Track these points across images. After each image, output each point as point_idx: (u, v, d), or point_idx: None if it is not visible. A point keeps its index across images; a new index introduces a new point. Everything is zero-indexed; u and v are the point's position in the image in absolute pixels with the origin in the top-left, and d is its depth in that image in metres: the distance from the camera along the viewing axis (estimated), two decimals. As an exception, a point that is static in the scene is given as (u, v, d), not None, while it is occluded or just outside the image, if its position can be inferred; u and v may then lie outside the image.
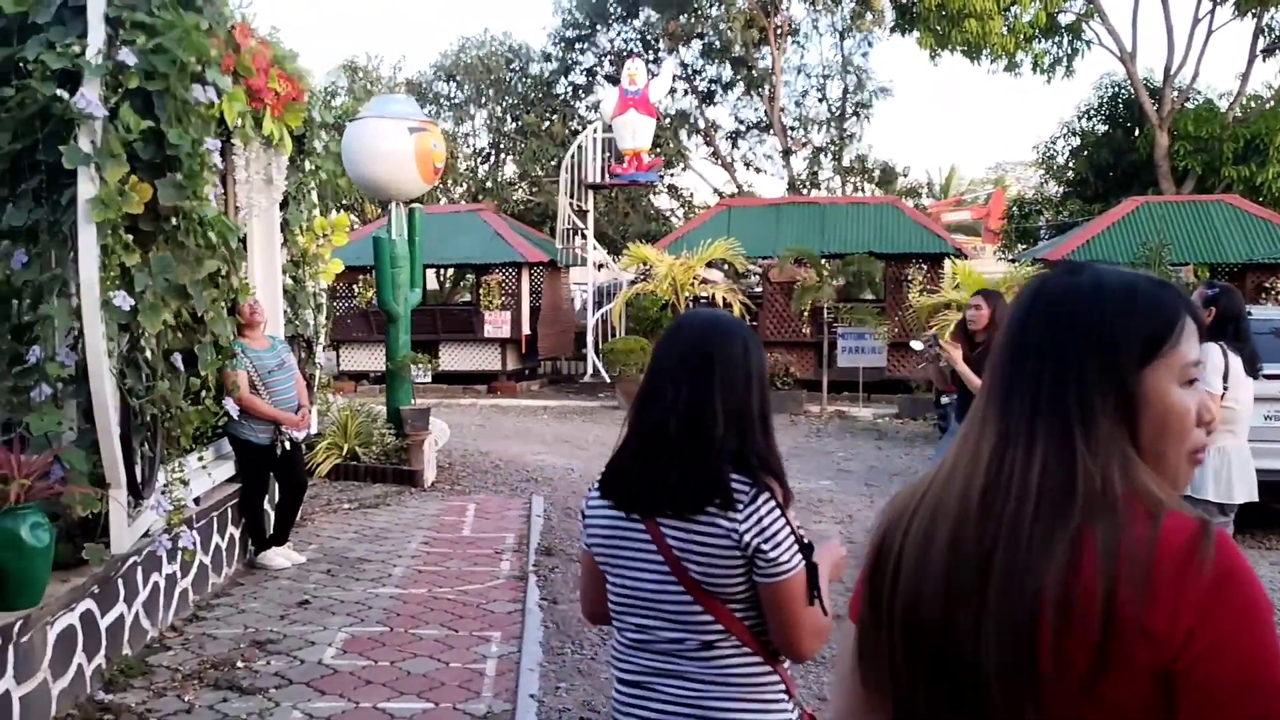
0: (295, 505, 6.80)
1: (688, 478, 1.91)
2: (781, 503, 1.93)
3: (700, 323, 2.07)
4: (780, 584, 1.90)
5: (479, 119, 26.65)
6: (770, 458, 1.97)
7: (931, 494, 1.25)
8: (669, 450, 1.94)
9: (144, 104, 4.49)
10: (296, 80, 7.09)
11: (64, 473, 4.40)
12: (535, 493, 9.40)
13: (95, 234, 4.21)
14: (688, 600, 1.94)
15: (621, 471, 2.01)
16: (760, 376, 2.02)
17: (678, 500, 1.92)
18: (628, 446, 2.02)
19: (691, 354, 1.99)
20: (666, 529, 1.94)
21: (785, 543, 1.90)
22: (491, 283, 19.11)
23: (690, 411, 1.94)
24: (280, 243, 7.65)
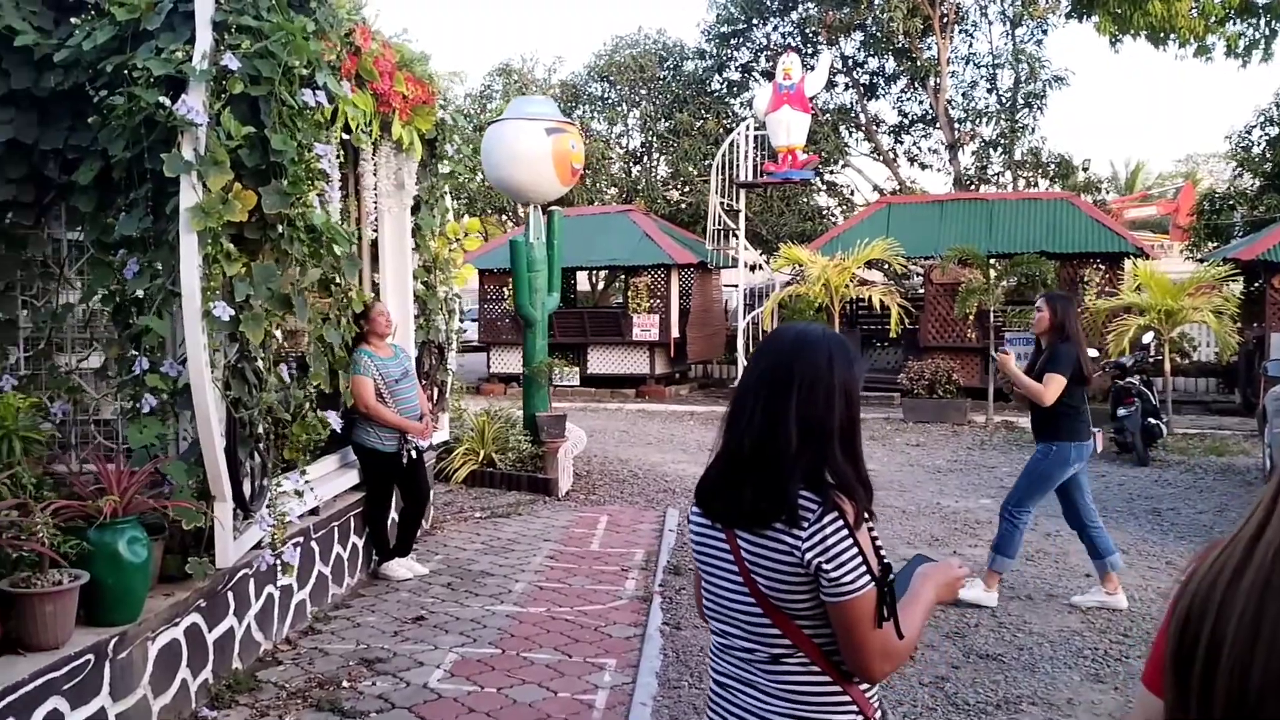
0: (419, 516, 6.69)
1: (757, 495, 1.96)
2: (852, 522, 1.92)
3: (786, 338, 2.08)
4: (845, 604, 1.90)
5: (631, 119, 26.55)
6: (852, 476, 1.98)
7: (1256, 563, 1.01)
8: (743, 466, 1.99)
9: (249, 110, 4.38)
10: (426, 83, 6.99)
11: (172, 486, 4.35)
12: (671, 505, 9.09)
13: (196, 243, 4.12)
14: (757, 612, 1.99)
15: (708, 483, 2.09)
16: (846, 392, 2.00)
17: (748, 515, 1.97)
18: (717, 461, 2.08)
19: (773, 370, 2.02)
20: (742, 540, 1.99)
21: (850, 563, 1.89)
22: (640, 285, 18.93)
23: (763, 429, 1.97)
24: (411, 248, 7.59)
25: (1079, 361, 5.94)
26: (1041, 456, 6.09)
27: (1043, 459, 6.08)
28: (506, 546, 7.49)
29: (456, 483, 9.68)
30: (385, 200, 7.08)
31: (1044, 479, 6.09)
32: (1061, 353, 5.92)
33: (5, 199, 4.76)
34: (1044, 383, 5.88)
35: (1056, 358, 5.90)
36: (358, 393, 6.15)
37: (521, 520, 8.38)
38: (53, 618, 3.58)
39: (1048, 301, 6.08)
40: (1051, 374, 5.89)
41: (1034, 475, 6.13)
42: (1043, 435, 6.09)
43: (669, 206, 24.60)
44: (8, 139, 4.64)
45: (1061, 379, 5.85)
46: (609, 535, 7.91)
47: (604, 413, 16.57)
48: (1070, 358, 5.92)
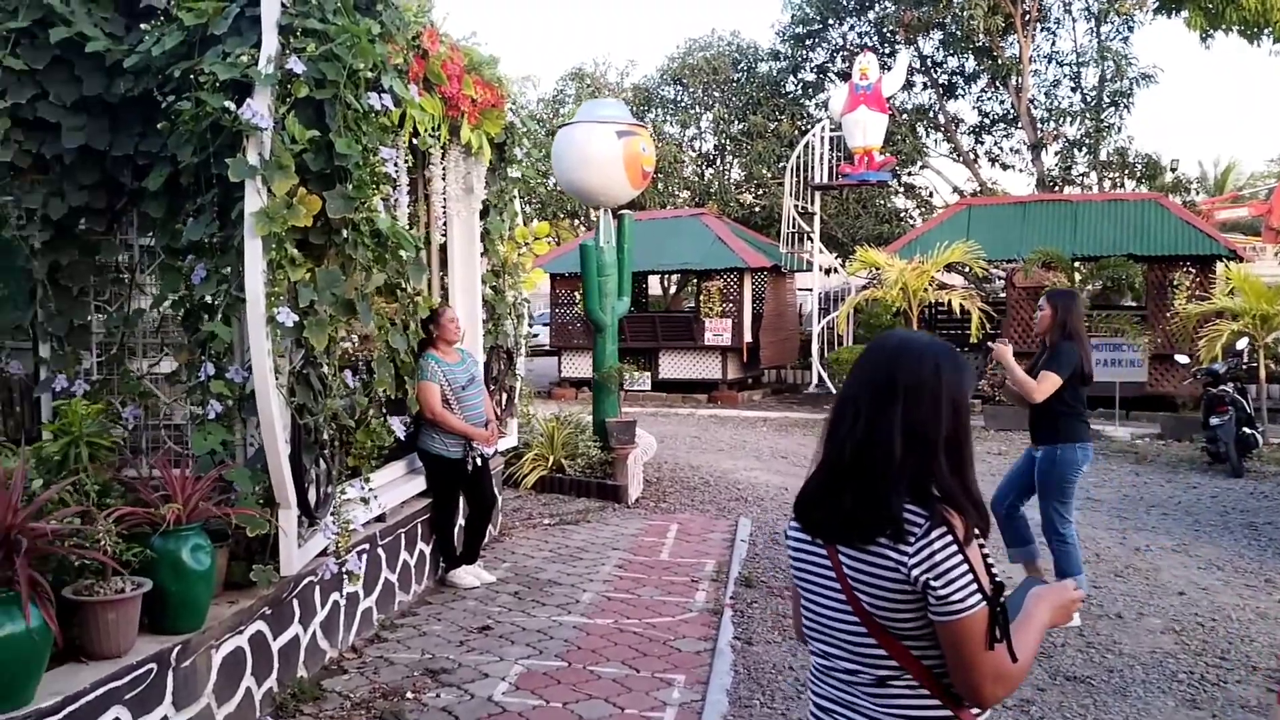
0: (485, 523, 6.62)
1: (859, 507, 1.88)
2: (962, 538, 1.83)
3: (890, 346, 2.00)
4: (953, 623, 1.82)
5: (704, 122, 26.37)
6: (959, 489, 1.89)
7: None
8: (844, 478, 1.92)
9: (315, 114, 4.34)
10: (495, 87, 6.93)
11: (237, 492, 4.32)
12: (743, 514, 8.91)
13: (260, 248, 4.08)
14: (861, 632, 1.92)
15: (807, 495, 2.01)
16: (954, 401, 1.92)
17: (851, 529, 1.90)
18: (817, 471, 2.01)
19: (876, 379, 1.94)
20: (844, 556, 1.92)
21: (959, 580, 1.81)
22: (712, 289, 18.75)
23: (865, 439, 1.90)
24: (480, 252, 7.54)
25: (1081, 361, 5.73)
26: (1049, 464, 5.85)
27: (1051, 466, 5.85)
28: (575, 555, 7.39)
29: (526, 488, 9.62)
30: (454, 204, 7.06)
31: (1063, 484, 5.85)
32: (1063, 351, 5.74)
33: (78, 205, 4.78)
34: (1038, 380, 5.70)
35: (1057, 356, 5.73)
36: (423, 399, 6.09)
37: (590, 528, 8.27)
38: (115, 626, 3.55)
39: (1049, 299, 5.91)
40: (1047, 371, 5.71)
41: (1051, 487, 5.87)
42: (1043, 438, 5.88)
43: (742, 209, 24.38)
44: (80, 145, 4.67)
45: (1056, 377, 5.66)
46: (679, 544, 7.76)
47: (675, 418, 16.43)
48: (1071, 357, 5.71)
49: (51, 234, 4.83)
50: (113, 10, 4.76)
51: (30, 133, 4.69)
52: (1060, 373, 5.68)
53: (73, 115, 4.67)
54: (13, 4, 4.58)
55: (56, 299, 4.95)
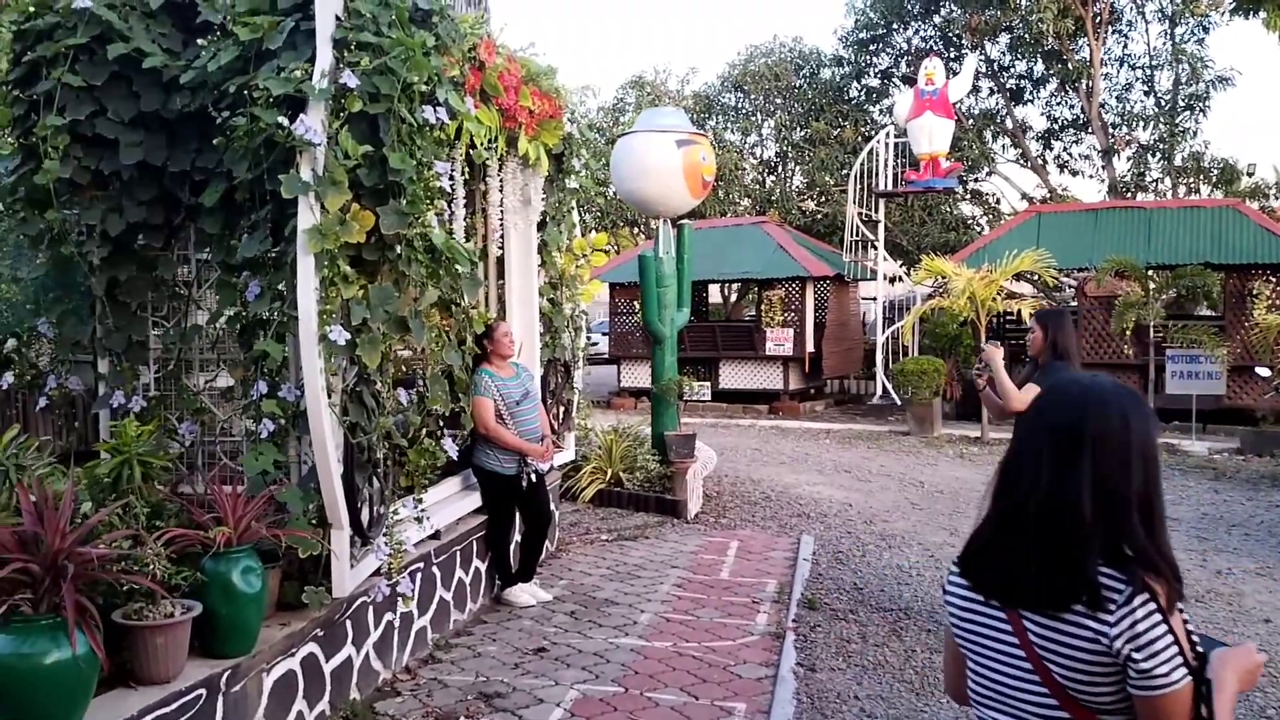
0: (540, 540, 6.52)
1: (1049, 571, 1.74)
2: (1165, 605, 1.69)
3: (1073, 392, 1.85)
4: (1156, 699, 1.68)
5: (766, 129, 26.13)
6: (1154, 551, 1.74)
7: None
8: (1028, 537, 1.77)
9: (369, 128, 4.27)
10: (553, 97, 6.84)
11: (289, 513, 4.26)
12: (806, 531, 8.71)
13: (313, 265, 4.02)
14: (1052, 704, 1.77)
15: (981, 553, 1.87)
16: (1145, 455, 1.77)
17: (1039, 595, 1.75)
18: (988, 525, 1.86)
19: (1060, 429, 1.79)
20: (1029, 622, 1.78)
21: (1164, 653, 1.67)
22: (774, 298, 18.53)
23: (1053, 496, 1.75)
24: (537, 264, 7.45)
25: None
26: None
27: None
28: (632, 572, 7.26)
29: (584, 502, 9.52)
30: (511, 216, 6.99)
31: None
32: (1054, 370, 5.57)
33: (136, 221, 4.77)
34: (1023, 390, 5.56)
35: (1048, 374, 5.56)
36: (477, 414, 6.01)
37: (649, 544, 8.14)
38: (164, 650, 3.50)
39: (1038, 320, 5.75)
40: (1034, 386, 5.54)
41: None
42: None
43: (804, 217, 24.10)
44: (137, 161, 4.66)
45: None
46: (739, 563, 7.59)
47: (736, 429, 16.23)
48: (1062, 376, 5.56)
49: (110, 250, 4.82)
50: (170, 26, 4.75)
51: (89, 149, 4.69)
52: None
53: (131, 131, 4.66)
54: (72, 21, 4.59)
55: (114, 315, 4.94)
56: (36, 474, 3.54)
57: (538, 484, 6.34)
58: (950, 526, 8.98)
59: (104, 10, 4.55)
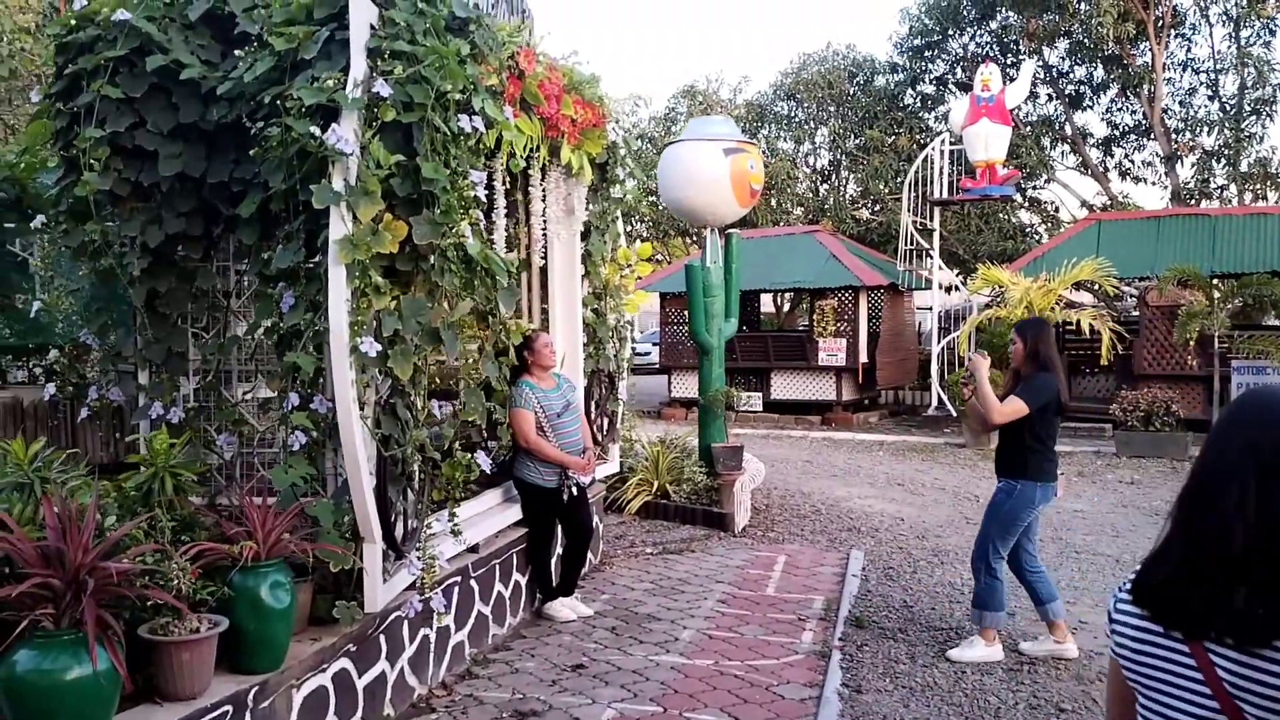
0: (582, 554, 6.42)
1: (1258, 604, 1.56)
2: None
3: (1272, 404, 1.67)
4: None
5: (819, 137, 25.89)
6: None
7: None
8: (1233, 568, 1.59)
9: (403, 137, 4.22)
10: (596, 106, 6.77)
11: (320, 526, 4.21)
12: (855, 546, 8.52)
13: (344, 276, 3.97)
14: None
15: (1166, 583, 1.69)
16: None
17: (1240, 628, 1.57)
18: (1171, 552, 1.69)
19: (1262, 446, 1.62)
20: (1217, 657, 1.60)
21: None
22: (826, 307, 18.30)
23: (1264, 522, 1.58)
24: (581, 275, 7.38)
25: (1058, 394, 5.56)
26: (1005, 496, 5.67)
27: (1006, 499, 5.67)
28: (676, 587, 7.14)
29: (630, 514, 9.42)
30: (554, 226, 6.93)
31: (1011, 521, 5.66)
32: (1038, 382, 5.51)
33: (175, 232, 4.78)
34: (1006, 402, 5.51)
35: (1029, 385, 5.53)
36: (517, 427, 5.94)
37: (694, 558, 8.01)
38: (190, 666, 3.46)
39: (1018, 331, 5.74)
40: (1015, 397, 5.50)
41: (999, 519, 5.69)
42: (1006, 471, 5.71)
43: (858, 226, 23.81)
44: (176, 172, 4.66)
45: (1023, 405, 5.48)
46: (786, 578, 7.44)
47: (787, 440, 16.04)
48: (1046, 388, 5.53)
49: (149, 261, 4.83)
50: (209, 38, 4.75)
51: (129, 161, 4.70)
52: (1030, 401, 5.49)
53: (170, 143, 4.67)
54: (112, 33, 4.61)
55: (154, 326, 4.95)
56: (65, 487, 3.52)
57: (579, 497, 6.25)
58: (1005, 543, 8.72)
59: (143, 22, 4.57)
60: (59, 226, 4.97)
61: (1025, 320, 6.14)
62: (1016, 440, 5.62)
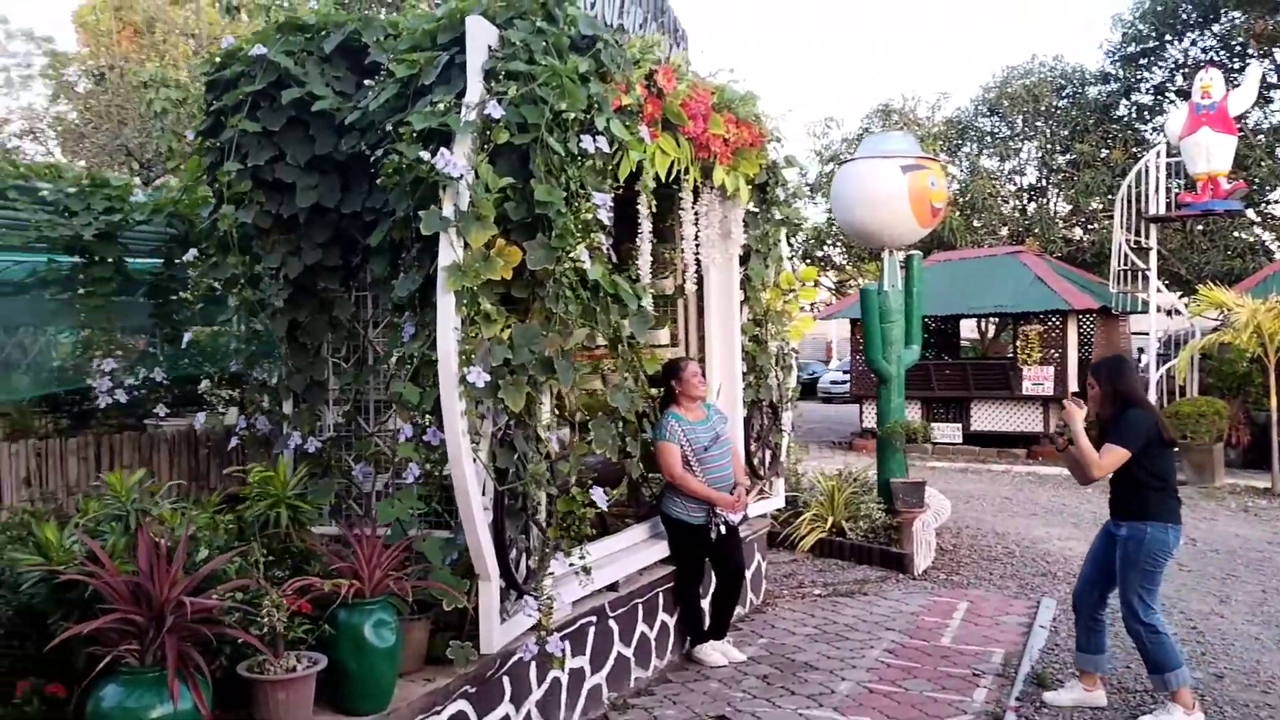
0: (733, 596, 6.06)
1: None
2: None
3: None
4: None
5: (1025, 153, 24.53)
6: None
7: None
8: None
9: (519, 160, 4.07)
10: (752, 124, 6.48)
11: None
12: (1048, 593, 7.78)
13: (453, 304, 3.84)
14: None
15: None
16: None
17: None
18: None
19: None
20: None
21: None
22: (1031, 333, 17.17)
23: None
24: (740, 300, 7.08)
25: (1157, 426, 5.03)
26: (1135, 545, 5.05)
27: (1138, 547, 5.05)
28: (841, 633, 6.66)
29: (802, 551, 8.98)
30: (709, 250, 6.67)
31: (1152, 566, 5.05)
32: (1128, 421, 4.98)
33: (313, 263, 4.81)
34: (1101, 453, 4.98)
35: (1121, 427, 4.98)
36: (663, 460, 5.68)
37: (865, 601, 7.50)
38: (286, 706, 3.36)
39: (1092, 373, 5.26)
40: (1111, 444, 4.97)
41: (1137, 567, 5.06)
42: (1127, 514, 5.13)
43: (1067, 246, 22.37)
44: (312, 204, 4.69)
45: (1122, 451, 4.96)
46: (965, 627, 6.83)
47: (986, 475, 15.08)
48: (1140, 424, 4.98)
49: (290, 292, 4.89)
50: (345, 69, 4.78)
51: (270, 193, 4.78)
52: (1127, 444, 4.97)
53: (306, 174, 4.71)
54: (252, 69, 4.70)
55: (295, 356, 5.01)
56: (183, 518, 3.51)
57: (729, 535, 5.92)
58: (1221, 593, 7.78)
59: (280, 57, 4.63)
60: (209, 259, 5.11)
61: (1100, 360, 5.56)
62: (1130, 480, 5.07)
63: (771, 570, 8.36)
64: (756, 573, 7.39)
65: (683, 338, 7.45)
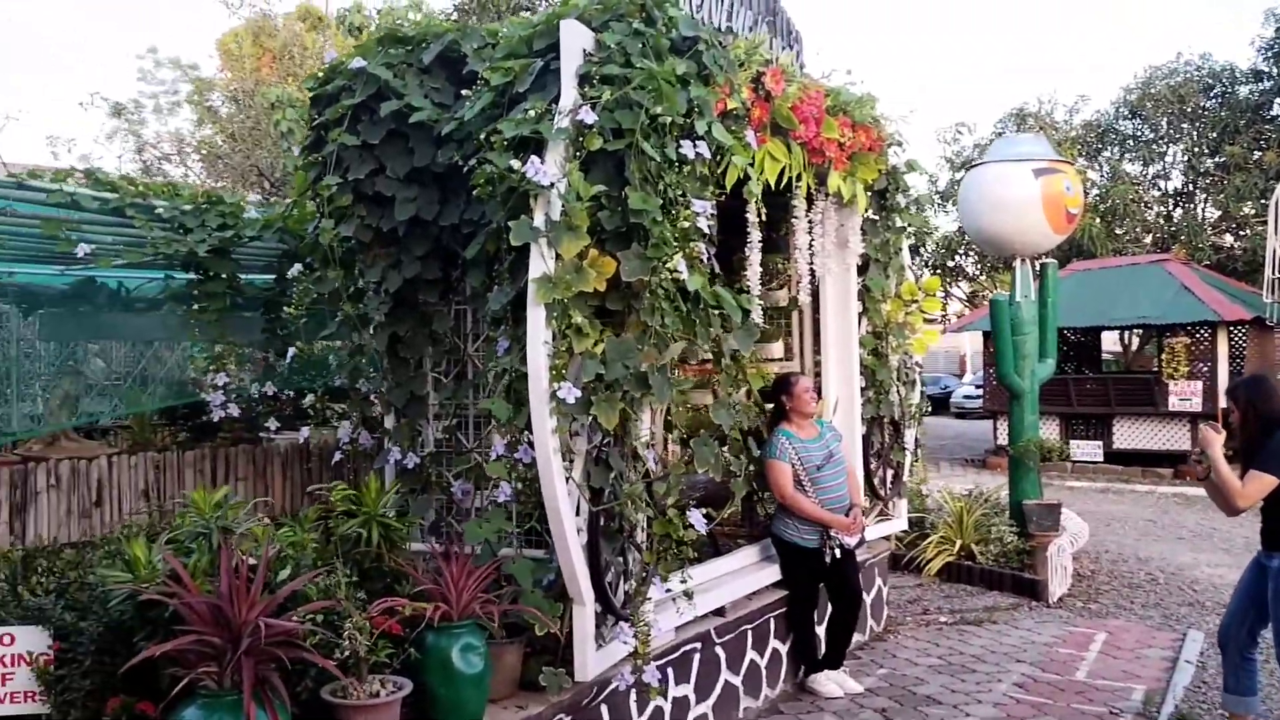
0: (849, 623, 5.76)
1: None
2: None
3: None
4: None
5: (1171, 157, 23.22)
6: None
7: None
8: None
9: (614, 167, 3.91)
10: (870, 128, 6.20)
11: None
12: (1195, 625, 7.21)
13: (543, 317, 3.70)
14: None
15: None
16: None
17: None
18: None
19: None
20: None
21: None
22: (1177, 346, 16.18)
23: None
24: (858, 312, 6.78)
25: None
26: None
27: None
28: (967, 665, 6.28)
29: (929, 576, 8.58)
30: (824, 260, 6.42)
31: None
32: (1275, 444, 4.53)
33: (411, 276, 4.75)
34: (1245, 481, 4.55)
35: (1267, 451, 4.55)
36: (773, 480, 5.44)
37: (995, 630, 7.07)
38: (369, 732, 3.26)
39: (1230, 395, 4.88)
40: (1256, 471, 4.53)
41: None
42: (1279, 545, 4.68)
43: (1217, 254, 21.06)
44: (410, 216, 4.63)
45: (1270, 478, 4.52)
46: (1102, 660, 6.35)
47: (1129, 496, 14.25)
48: None
49: (391, 305, 4.84)
50: (444, 80, 4.71)
51: (371, 207, 4.74)
52: (1273, 470, 4.54)
53: (405, 187, 4.65)
54: (354, 83, 4.67)
55: (395, 371, 4.96)
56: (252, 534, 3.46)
57: (845, 558, 5.62)
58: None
59: (380, 69, 4.59)
60: (313, 274, 5.11)
61: (1237, 381, 5.14)
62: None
63: (895, 595, 8.00)
64: (877, 598, 7.05)
65: (797, 351, 7.18)
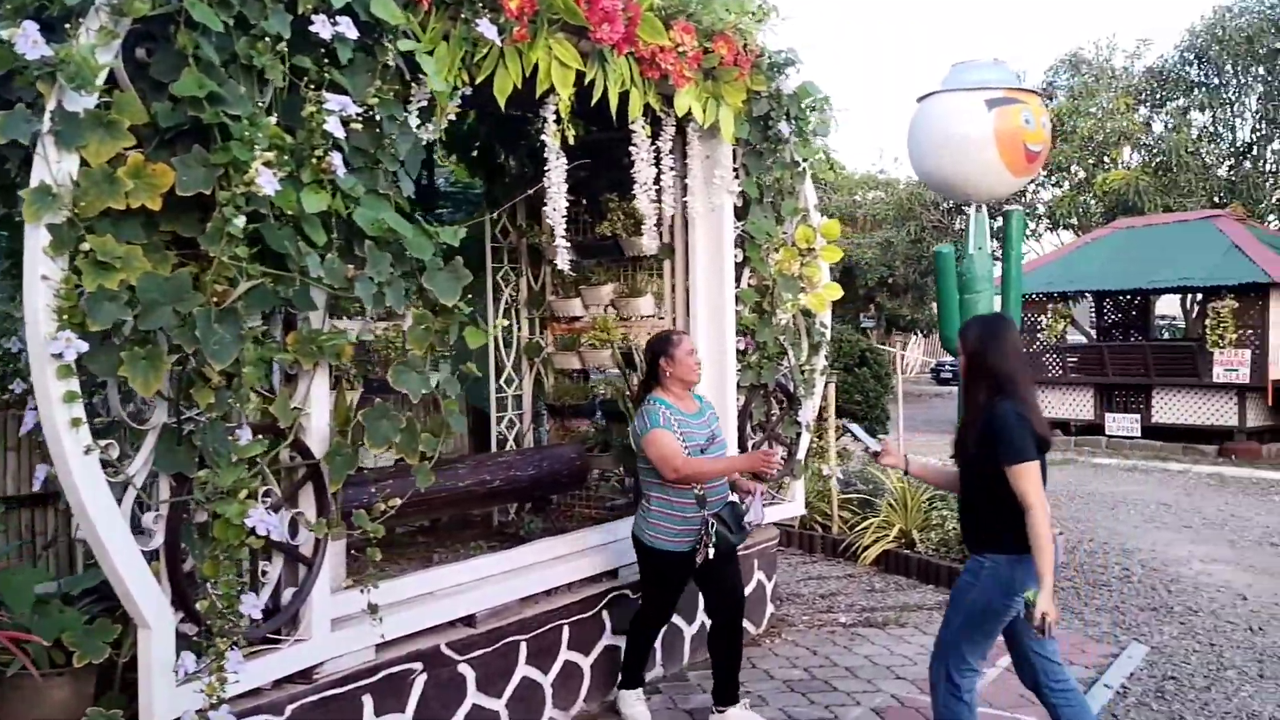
0: (735, 640, 4.54)
1: None
2: None
3: None
4: None
5: (1241, 105, 21.20)
6: None
7: None
8: None
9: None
10: (730, 39, 5.12)
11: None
12: (1146, 635, 6.02)
13: (44, 242, 2.73)
14: None
15: None
16: None
17: None
18: None
19: None
20: None
21: None
22: (1223, 310, 14.55)
23: None
24: (735, 262, 5.72)
25: (1031, 424, 3.48)
26: (971, 580, 3.66)
27: (973, 583, 3.64)
28: (832, 681, 5.21)
29: (864, 564, 7.52)
30: (692, 200, 5.42)
31: (985, 616, 3.62)
32: (1003, 422, 3.47)
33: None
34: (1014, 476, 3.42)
35: (999, 432, 3.47)
36: (660, 454, 4.25)
37: (894, 636, 5.96)
38: None
39: (960, 333, 3.85)
40: (1013, 466, 3.42)
41: (968, 611, 3.65)
42: (981, 544, 3.66)
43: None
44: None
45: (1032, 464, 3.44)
46: (1003, 681, 5.17)
47: (1157, 475, 12.83)
48: (1015, 423, 3.46)
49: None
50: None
51: None
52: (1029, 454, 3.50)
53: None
54: None
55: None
56: None
57: (723, 559, 4.38)
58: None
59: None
60: None
61: (971, 318, 4.09)
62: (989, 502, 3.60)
63: (814, 587, 7.00)
64: (757, 595, 6.01)
65: (669, 308, 6.13)
